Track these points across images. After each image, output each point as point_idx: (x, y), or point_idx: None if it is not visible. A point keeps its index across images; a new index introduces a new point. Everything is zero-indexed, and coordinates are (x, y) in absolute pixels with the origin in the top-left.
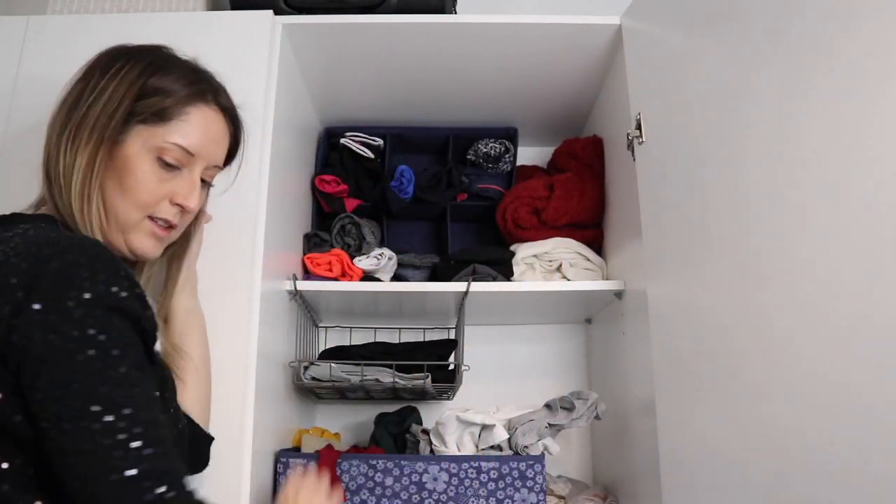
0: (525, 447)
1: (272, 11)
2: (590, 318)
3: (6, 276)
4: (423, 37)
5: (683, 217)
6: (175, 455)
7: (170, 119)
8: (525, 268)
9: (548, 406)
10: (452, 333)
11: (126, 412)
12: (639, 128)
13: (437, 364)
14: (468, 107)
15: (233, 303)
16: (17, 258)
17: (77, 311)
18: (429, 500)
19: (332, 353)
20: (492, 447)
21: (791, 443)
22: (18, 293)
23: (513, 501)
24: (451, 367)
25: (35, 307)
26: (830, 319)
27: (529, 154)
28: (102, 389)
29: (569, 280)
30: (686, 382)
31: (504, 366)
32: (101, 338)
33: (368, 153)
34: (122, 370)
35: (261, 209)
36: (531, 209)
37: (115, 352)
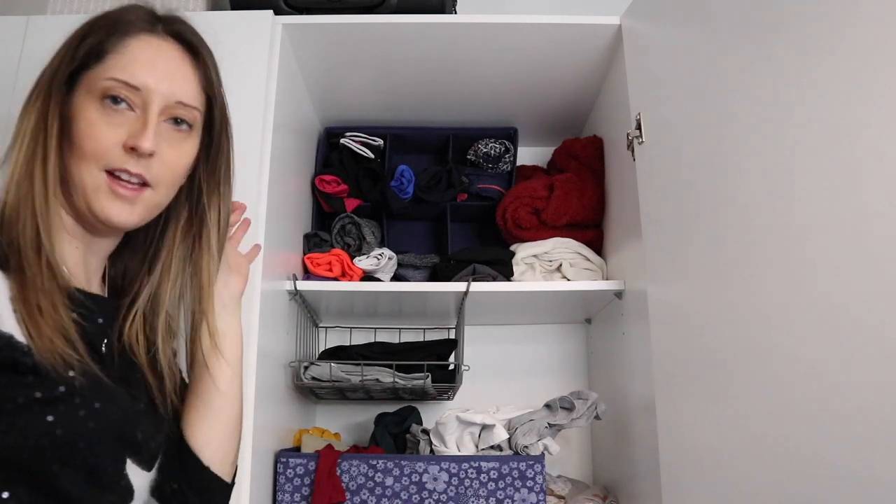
0: (525, 447)
1: (272, 11)
2: (590, 318)
3: None
4: (423, 37)
5: (683, 217)
6: None
7: (106, 54)
8: (525, 268)
9: (548, 406)
10: (452, 333)
11: None
12: (639, 128)
13: (437, 364)
14: (468, 107)
15: None
16: None
17: None
18: (429, 500)
19: (332, 353)
20: (492, 447)
21: (790, 443)
22: None
23: (513, 501)
24: (451, 367)
25: None
26: (830, 319)
27: (529, 154)
28: None
29: (569, 280)
30: (686, 382)
31: (504, 366)
32: None
33: (368, 153)
34: None
35: (261, 209)
36: (531, 209)
37: None
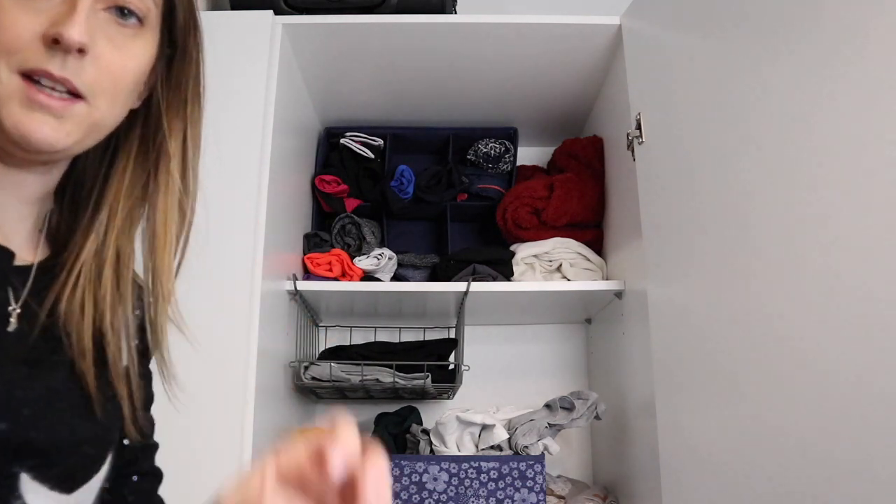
0: (525, 447)
1: (272, 11)
2: (590, 318)
3: None
4: (423, 37)
5: (683, 217)
6: None
7: None
8: (525, 268)
9: (548, 406)
10: (452, 333)
11: None
12: (639, 128)
13: (438, 364)
14: (468, 107)
15: (233, 303)
16: None
17: None
18: (429, 500)
19: (333, 353)
20: (492, 447)
21: (789, 442)
22: None
23: (513, 501)
24: (451, 367)
25: None
26: (830, 319)
27: (529, 154)
28: None
29: (569, 280)
30: (686, 382)
31: (504, 366)
32: None
33: (368, 153)
34: None
35: (261, 209)
36: (531, 209)
37: None
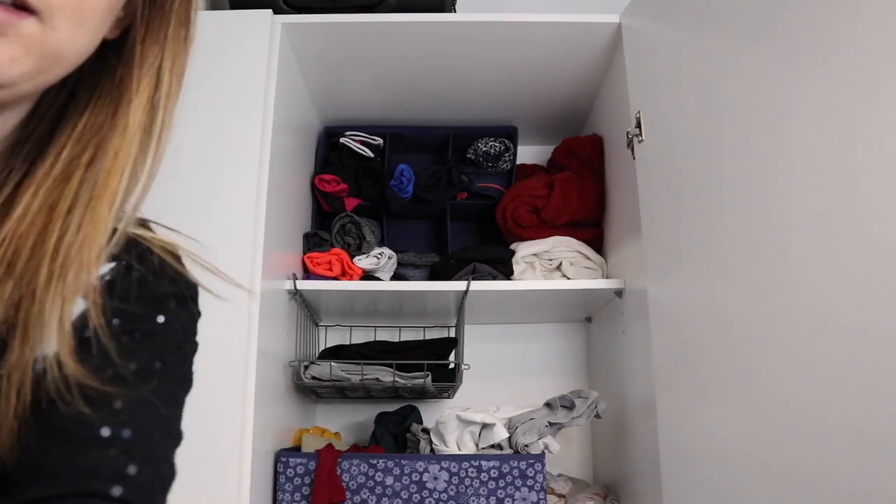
0: (525, 446)
1: (272, 11)
2: (590, 317)
3: None
4: (423, 35)
5: (683, 215)
6: None
7: None
8: (525, 266)
9: (548, 405)
10: (452, 332)
11: None
12: (638, 126)
13: (438, 363)
14: (468, 105)
15: (233, 302)
16: None
17: None
18: (429, 500)
19: (333, 353)
20: (492, 446)
21: (790, 441)
22: None
23: (513, 500)
24: (452, 366)
25: None
26: (830, 319)
27: (529, 153)
28: None
29: (569, 279)
30: (686, 380)
31: (504, 365)
32: None
33: (368, 152)
34: None
35: (260, 208)
36: (531, 208)
37: None
